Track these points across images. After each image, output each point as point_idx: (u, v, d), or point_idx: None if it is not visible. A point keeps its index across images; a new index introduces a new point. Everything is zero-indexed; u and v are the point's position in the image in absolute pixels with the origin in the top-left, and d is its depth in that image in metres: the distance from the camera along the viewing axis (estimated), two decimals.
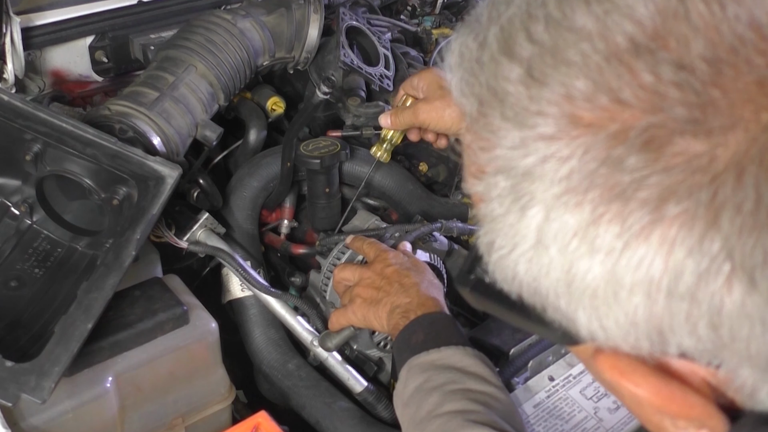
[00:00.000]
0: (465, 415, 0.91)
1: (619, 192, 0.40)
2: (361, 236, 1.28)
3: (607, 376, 0.47)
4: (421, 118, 1.26)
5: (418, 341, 1.03)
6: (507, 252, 0.46)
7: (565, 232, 0.43)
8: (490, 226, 0.47)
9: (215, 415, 1.20)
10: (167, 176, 1.10)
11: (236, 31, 1.39)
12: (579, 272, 0.43)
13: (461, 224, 1.37)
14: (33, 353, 0.98)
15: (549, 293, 0.45)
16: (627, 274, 0.41)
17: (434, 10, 1.96)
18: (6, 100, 1.11)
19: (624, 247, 0.41)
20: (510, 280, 0.47)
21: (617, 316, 0.43)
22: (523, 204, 0.44)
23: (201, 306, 1.20)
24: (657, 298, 0.41)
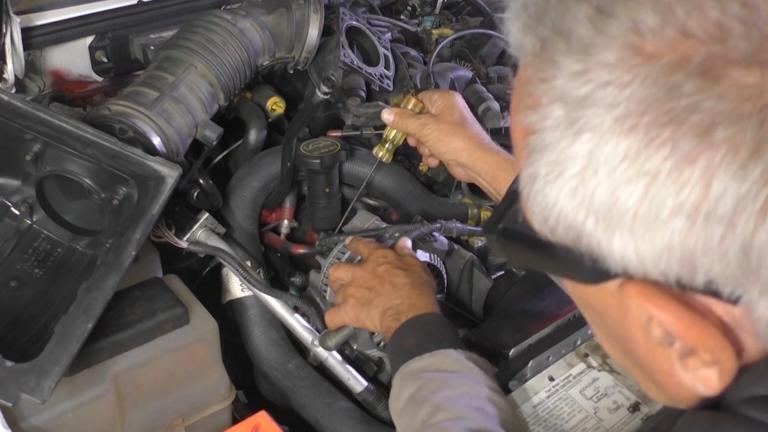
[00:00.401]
0: (459, 423, 0.89)
1: (673, 116, 0.44)
2: (359, 237, 1.28)
3: (634, 303, 0.50)
4: (424, 133, 1.27)
5: (410, 346, 1.02)
6: (553, 178, 0.48)
7: (616, 156, 0.45)
8: (535, 157, 0.49)
9: (215, 415, 1.20)
10: (167, 176, 1.10)
11: (236, 31, 1.39)
12: (623, 195, 0.46)
13: (460, 225, 1.37)
14: (33, 353, 0.98)
15: (587, 220, 0.48)
16: (670, 196, 0.44)
17: (434, 10, 1.96)
18: (6, 100, 1.11)
19: (671, 171, 0.44)
20: (549, 210, 0.49)
21: (654, 240, 0.46)
22: (576, 129, 0.47)
23: (201, 306, 1.20)
24: (695, 221, 0.44)
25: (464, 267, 1.44)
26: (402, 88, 1.52)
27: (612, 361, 1.16)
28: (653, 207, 0.45)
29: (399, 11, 1.95)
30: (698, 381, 0.52)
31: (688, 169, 0.44)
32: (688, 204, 0.44)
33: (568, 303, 1.24)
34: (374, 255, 1.19)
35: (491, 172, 1.21)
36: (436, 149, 1.28)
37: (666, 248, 0.46)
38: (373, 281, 1.14)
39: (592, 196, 0.47)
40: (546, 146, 0.49)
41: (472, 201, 1.46)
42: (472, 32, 1.74)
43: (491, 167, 1.21)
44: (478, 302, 1.48)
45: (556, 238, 0.51)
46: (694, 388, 0.52)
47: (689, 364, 0.51)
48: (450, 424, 0.89)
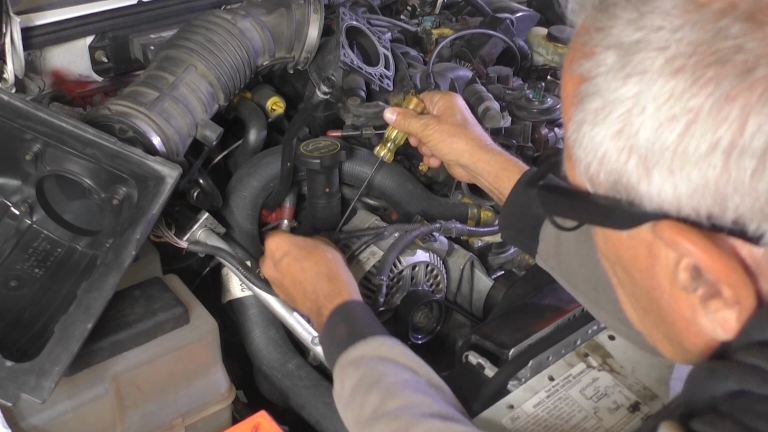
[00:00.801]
0: (413, 409, 0.89)
1: (719, 57, 0.49)
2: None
3: (664, 244, 0.54)
4: (427, 133, 1.28)
5: (342, 335, 1.03)
6: (601, 119, 0.54)
7: (662, 95, 0.51)
8: (585, 103, 0.55)
9: (215, 415, 1.20)
10: (167, 176, 1.10)
11: (236, 31, 1.39)
12: (666, 132, 0.51)
13: (460, 225, 1.37)
14: (33, 353, 0.98)
15: (630, 161, 0.53)
16: (709, 133, 0.49)
17: (434, 10, 1.96)
18: (6, 100, 1.11)
19: (712, 108, 0.49)
20: (593, 154, 0.55)
21: (691, 176, 0.51)
22: (627, 72, 0.52)
23: (201, 306, 1.20)
24: (730, 156, 0.49)
25: (464, 267, 1.44)
26: (402, 88, 1.52)
27: (612, 360, 1.16)
28: (693, 143, 0.50)
29: (399, 11, 1.95)
30: (717, 324, 0.55)
31: (727, 106, 0.49)
32: (725, 140, 0.49)
33: (568, 303, 1.24)
34: (269, 249, 1.20)
35: (494, 173, 1.21)
36: (437, 150, 1.28)
37: (701, 183, 0.50)
38: (283, 282, 1.18)
39: (636, 135, 0.52)
40: (597, 91, 0.54)
41: (472, 201, 1.46)
42: (472, 32, 1.74)
43: (494, 168, 1.21)
44: (478, 302, 1.48)
45: (596, 188, 0.57)
46: (713, 332, 0.55)
47: (711, 306, 0.55)
48: (403, 412, 0.89)
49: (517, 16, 1.84)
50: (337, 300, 1.08)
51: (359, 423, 0.95)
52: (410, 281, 1.35)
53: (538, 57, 1.85)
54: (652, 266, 0.57)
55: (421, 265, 1.36)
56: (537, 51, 1.85)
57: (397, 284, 1.33)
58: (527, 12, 1.94)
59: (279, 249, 1.19)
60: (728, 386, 0.54)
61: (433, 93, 1.35)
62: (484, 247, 1.51)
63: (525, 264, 1.58)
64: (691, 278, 0.54)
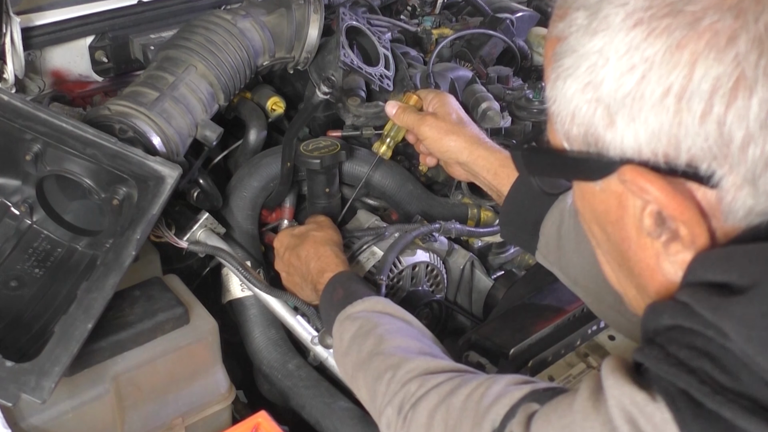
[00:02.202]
0: (405, 350, 0.95)
1: (671, 9, 0.55)
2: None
3: (630, 190, 0.59)
4: (422, 129, 1.28)
5: (339, 298, 1.10)
6: (571, 73, 0.60)
7: (623, 46, 0.56)
8: (559, 61, 0.61)
9: (215, 415, 1.20)
10: (167, 176, 1.10)
11: (236, 31, 1.39)
12: (626, 81, 0.57)
13: (459, 225, 1.37)
14: (33, 353, 0.98)
15: (596, 112, 0.59)
16: (662, 79, 0.55)
17: (434, 10, 1.96)
18: (6, 100, 1.11)
19: (664, 56, 0.55)
20: (566, 109, 0.61)
21: (648, 120, 0.56)
22: (594, 28, 0.58)
23: (201, 306, 1.20)
24: (681, 100, 0.55)
25: (464, 267, 1.44)
26: (402, 88, 1.52)
27: None
28: (649, 89, 0.56)
29: (399, 11, 1.95)
30: (678, 267, 0.61)
31: (678, 53, 0.55)
32: (676, 85, 0.55)
33: (568, 303, 1.24)
34: (275, 246, 1.30)
35: (492, 170, 1.21)
36: (435, 147, 1.28)
37: (657, 127, 0.56)
38: (288, 273, 1.26)
39: (601, 86, 0.58)
40: (569, 48, 0.60)
41: (472, 201, 1.46)
42: (472, 32, 1.74)
43: (492, 164, 1.22)
44: (478, 302, 1.48)
45: (571, 144, 0.63)
46: (675, 275, 0.62)
47: (671, 249, 0.61)
48: (397, 351, 0.95)
49: (517, 16, 1.84)
50: (327, 274, 1.15)
51: (357, 364, 1.00)
52: (410, 281, 1.35)
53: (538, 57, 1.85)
54: (622, 218, 0.62)
55: (421, 265, 1.36)
56: (537, 51, 1.85)
57: (397, 284, 1.33)
58: (527, 12, 1.94)
59: (281, 244, 1.28)
60: (663, 321, 0.60)
61: (427, 91, 1.36)
62: (484, 247, 1.51)
63: (525, 264, 1.58)
64: (655, 224, 0.60)
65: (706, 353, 0.56)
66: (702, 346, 0.56)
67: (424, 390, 0.86)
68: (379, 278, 1.25)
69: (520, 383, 0.78)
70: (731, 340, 0.54)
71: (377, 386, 0.94)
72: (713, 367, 0.55)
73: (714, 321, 0.55)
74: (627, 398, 0.58)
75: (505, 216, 1.20)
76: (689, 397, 0.55)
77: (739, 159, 0.55)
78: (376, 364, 0.96)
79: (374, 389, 0.95)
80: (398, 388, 0.90)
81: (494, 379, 0.80)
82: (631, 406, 0.58)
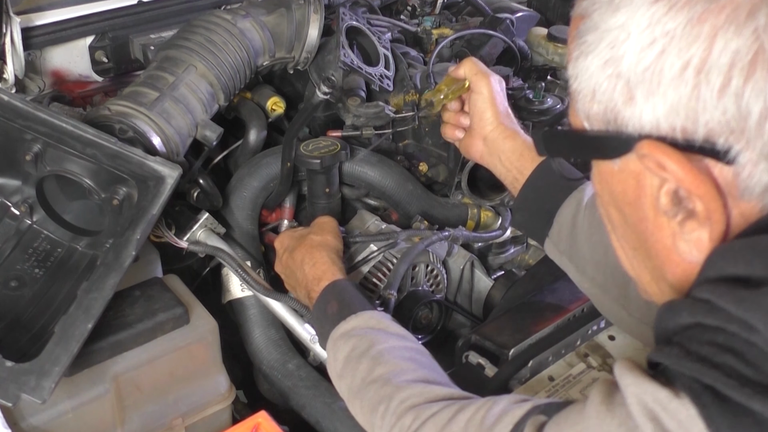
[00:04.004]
0: (399, 376, 0.93)
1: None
2: None
3: (648, 167, 0.60)
4: (490, 81, 1.21)
5: (333, 311, 1.08)
6: (593, 49, 0.61)
7: (644, 21, 0.58)
8: (582, 39, 0.63)
9: (215, 415, 1.20)
10: (167, 176, 1.10)
11: (236, 31, 1.39)
12: (646, 55, 0.58)
13: (467, 232, 1.37)
14: (33, 353, 0.98)
15: (616, 87, 0.60)
16: (682, 52, 0.56)
17: (434, 10, 1.96)
18: (6, 100, 1.11)
19: (684, 30, 0.56)
20: (587, 86, 0.63)
21: (667, 94, 0.57)
22: (616, 4, 0.60)
23: (201, 306, 1.20)
24: (700, 74, 0.56)
25: (464, 267, 1.44)
26: (402, 88, 1.52)
27: (612, 361, 1.16)
28: (668, 63, 0.57)
29: (399, 11, 1.95)
30: (693, 246, 0.62)
31: (698, 27, 0.55)
32: (696, 58, 0.56)
33: (568, 303, 1.24)
34: (275, 247, 1.28)
35: (518, 150, 1.18)
36: (481, 108, 1.21)
37: (676, 101, 0.57)
38: (285, 274, 1.24)
39: (621, 61, 0.59)
40: (592, 25, 0.62)
41: (472, 201, 1.46)
42: (472, 32, 1.73)
43: (519, 146, 1.18)
44: (478, 302, 1.48)
45: (591, 123, 0.64)
46: (690, 254, 0.62)
47: (687, 227, 0.61)
48: (391, 377, 0.93)
49: (517, 16, 1.84)
50: (323, 282, 1.13)
51: (352, 391, 0.99)
52: (410, 281, 1.35)
53: (538, 57, 1.85)
54: (639, 197, 0.63)
55: (421, 265, 1.36)
56: (537, 51, 1.84)
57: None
58: (527, 12, 1.94)
59: (281, 245, 1.26)
60: (682, 320, 0.60)
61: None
62: (484, 247, 1.51)
63: (525, 264, 1.58)
64: (672, 203, 0.61)
65: (729, 349, 0.55)
66: (724, 342, 0.56)
67: (419, 422, 0.85)
68: (388, 293, 1.23)
69: (520, 401, 0.77)
70: (758, 332, 0.54)
71: (373, 419, 0.93)
72: (738, 362, 0.54)
73: (739, 314, 0.55)
74: (648, 396, 0.57)
75: (521, 200, 1.17)
76: (714, 393, 0.54)
77: (756, 134, 0.56)
78: (370, 395, 0.94)
79: (371, 421, 0.94)
80: (393, 421, 0.88)
81: (494, 401, 0.80)
82: (653, 404, 0.57)
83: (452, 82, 1.26)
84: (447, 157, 1.45)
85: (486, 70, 1.23)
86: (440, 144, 1.45)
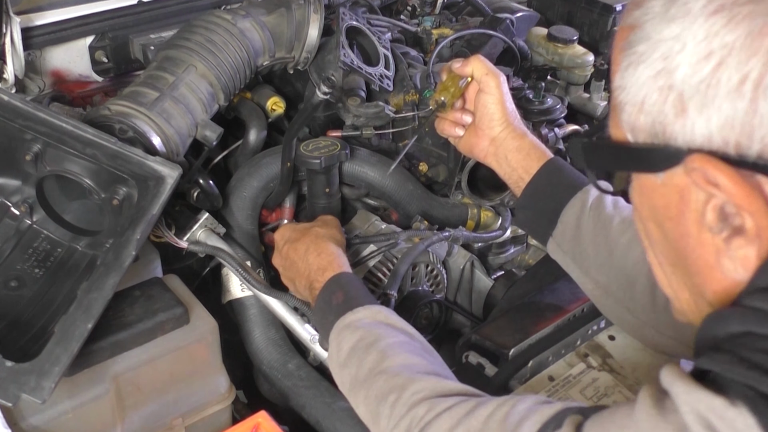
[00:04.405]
0: (409, 368, 0.92)
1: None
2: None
3: (695, 181, 0.59)
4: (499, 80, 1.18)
5: (338, 302, 1.05)
6: (645, 59, 0.60)
7: (701, 32, 0.57)
8: (632, 48, 0.62)
9: (215, 415, 1.20)
10: (167, 176, 1.10)
11: (236, 31, 1.39)
12: (701, 68, 0.57)
13: (467, 232, 1.37)
14: (33, 353, 0.98)
15: (668, 99, 0.59)
16: (740, 66, 0.55)
17: (434, 10, 1.96)
18: (6, 100, 1.11)
19: (743, 43, 0.55)
20: (635, 97, 0.61)
21: (722, 107, 0.56)
22: (671, 15, 0.59)
23: (201, 306, 1.20)
24: (759, 86, 0.55)
25: (464, 267, 1.44)
26: (402, 88, 1.52)
27: (612, 361, 1.16)
28: (725, 76, 0.56)
29: (399, 11, 1.95)
30: (738, 264, 0.60)
31: (758, 41, 0.55)
32: (755, 72, 0.55)
33: (569, 303, 1.24)
34: (275, 240, 1.24)
35: (525, 149, 1.16)
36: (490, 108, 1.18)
37: (731, 115, 0.56)
38: (284, 264, 1.20)
39: (675, 72, 0.58)
40: (644, 36, 0.61)
41: (472, 201, 1.46)
42: (472, 32, 1.74)
43: (526, 144, 1.17)
44: (478, 302, 1.48)
45: (636, 135, 0.63)
46: (735, 272, 0.61)
47: (733, 244, 0.60)
48: (402, 369, 0.91)
49: (517, 16, 1.84)
50: (328, 273, 1.10)
51: (357, 380, 0.96)
52: (410, 281, 1.35)
53: (538, 57, 1.85)
54: (682, 212, 0.62)
55: (421, 265, 1.36)
56: (537, 51, 1.84)
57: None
58: (527, 12, 1.94)
59: (281, 237, 1.23)
60: (732, 328, 0.58)
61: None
62: (484, 247, 1.51)
63: (525, 264, 1.58)
64: (718, 219, 0.59)
65: None
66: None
67: (433, 414, 0.83)
68: (389, 292, 1.23)
69: (546, 402, 0.76)
70: None
71: (380, 408, 0.90)
72: None
73: None
74: (702, 404, 0.56)
75: (526, 199, 1.16)
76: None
77: None
78: (379, 384, 0.91)
79: (377, 411, 0.91)
80: (404, 411, 0.86)
81: (519, 399, 0.78)
82: (707, 412, 0.55)
83: (457, 79, 1.22)
84: (447, 157, 1.45)
85: (495, 70, 1.20)
86: (440, 144, 1.45)
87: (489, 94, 1.18)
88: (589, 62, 1.79)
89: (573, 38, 1.80)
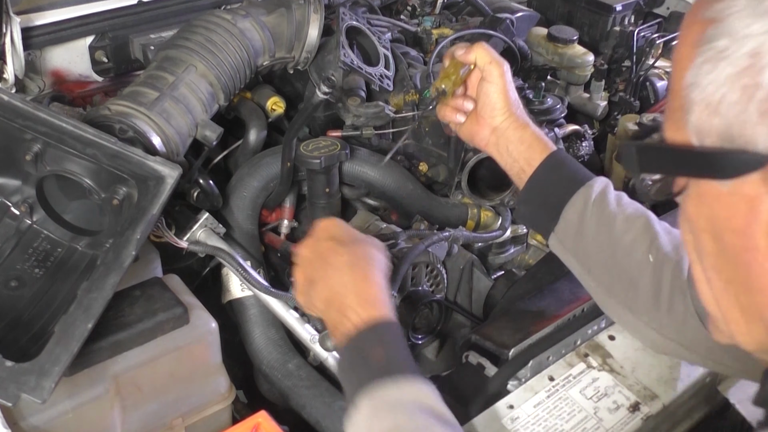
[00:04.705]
0: None
1: None
2: None
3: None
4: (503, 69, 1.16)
5: (377, 359, 0.89)
6: (727, 55, 0.55)
7: None
8: (711, 44, 0.57)
9: (215, 415, 1.20)
10: (167, 176, 1.10)
11: (236, 31, 1.39)
12: None
13: (467, 232, 1.37)
14: (33, 353, 0.98)
15: (751, 99, 0.54)
16: None
17: (434, 10, 1.96)
18: (6, 100, 1.11)
19: None
20: (710, 97, 0.56)
21: None
22: (761, 10, 0.54)
23: (201, 306, 1.20)
24: None
25: (464, 267, 1.44)
26: (402, 88, 1.52)
27: (612, 360, 1.16)
28: None
29: (399, 11, 1.95)
30: None
31: None
32: None
33: (568, 303, 1.24)
34: (316, 228, 1.04)
35: (528, 141, 1.14)
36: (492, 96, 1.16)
37: None
38: (314, 260, 1.00)
39: (763, 72, 0.53)
40: (726, 31, 0.56)
41: (472, 201, 1.46)
42: (472, 32, 1.74)
43: (529, 136, 1.15)
44: (478, 302, 1.48)
45: (703, 139, 0.58)
46: None
47: None
48: None
49: (517, 16, 1.84)
50: (371, 311, 0.93)
51: None
52: (410, 281, 1.35)
53: (538, 57, 1.85)
54: (750, 224, 0.57)
55: (421, 266, 1.36)
56: (537, 51, 1.85)
57: None
58: (527, 12, 1.94)
59: (326, 230, 1.03)
60: None
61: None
62: (484, 247, 1.51)
63: (525, 264, 1.58)
64: None
65: None
66: None
67: None
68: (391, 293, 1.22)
69: None
70: None
71: None
72: None
73: None
74: None
75: (527, 193, 1.14)
76: None
77: None
78: None
79: None
80: None
81: None
82: None
83: (459, 66, 1.19)
84: (447, 157, 1.45)
85: (499, 58, 1.17)
86: (440, 144, 1.45)
87: (492, 83, 1.16)
88: (589, 62, 1.79)
89: (573, 38, 1.80)
